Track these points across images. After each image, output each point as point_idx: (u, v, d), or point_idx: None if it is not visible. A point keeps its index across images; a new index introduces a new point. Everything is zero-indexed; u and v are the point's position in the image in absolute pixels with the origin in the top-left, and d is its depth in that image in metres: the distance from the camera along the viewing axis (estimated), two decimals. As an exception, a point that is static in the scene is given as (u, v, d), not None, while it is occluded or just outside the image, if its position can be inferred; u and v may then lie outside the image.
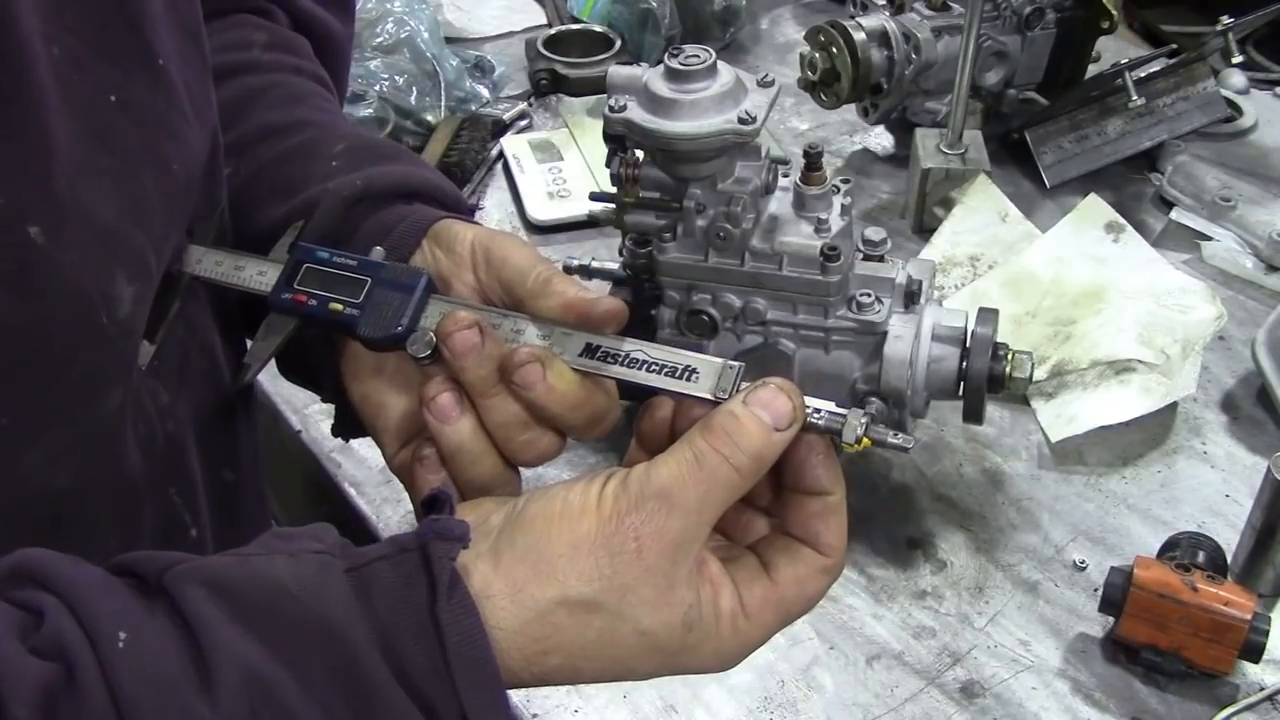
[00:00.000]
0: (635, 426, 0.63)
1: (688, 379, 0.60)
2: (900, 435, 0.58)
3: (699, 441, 0.54)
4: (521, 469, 0.65)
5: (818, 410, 0.57)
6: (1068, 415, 1.16)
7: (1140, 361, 1.17)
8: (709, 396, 0.60)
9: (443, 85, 1.60)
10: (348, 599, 0.50)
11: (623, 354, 0.62)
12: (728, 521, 0.59)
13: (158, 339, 0.64)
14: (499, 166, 1.57)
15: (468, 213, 0.76)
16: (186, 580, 0.49)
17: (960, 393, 1.00)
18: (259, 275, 0.68)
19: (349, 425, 0.74)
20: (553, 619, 0.52)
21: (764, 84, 0.89)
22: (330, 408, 0.77)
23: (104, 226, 0.57)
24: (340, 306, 0.65)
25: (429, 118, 1.57)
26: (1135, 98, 1.44)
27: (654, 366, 0.61)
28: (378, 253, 0.67)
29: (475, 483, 0.63)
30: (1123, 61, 1.48)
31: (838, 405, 0.58)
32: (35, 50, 0.52)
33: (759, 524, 0.61)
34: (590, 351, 0.63)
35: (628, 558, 0.52)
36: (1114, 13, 1.48)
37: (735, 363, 0.60)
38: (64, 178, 0.54)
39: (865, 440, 0.57)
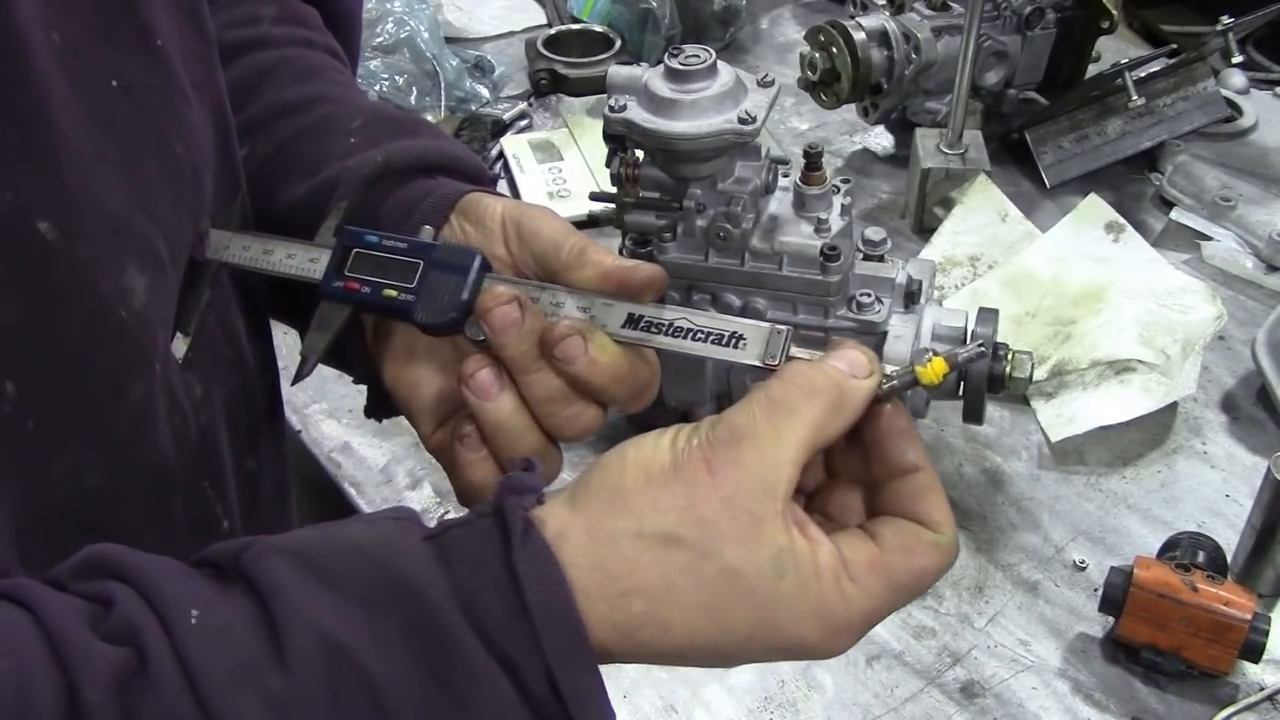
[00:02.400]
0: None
1: (735, 346, 0.59)
2: (968, 347, 0.56)
3: (773, 383, 0.53)
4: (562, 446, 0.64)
5: (887, 376, 0.55)
6: (1068, 415, 1.16)
7: (1140, 361, 1.17)
8: (758, 363, 0.58)
9: (443, 85, 1.60)
10: (427, 558, 0.49)
11: (666, 323, 0.60)
12: (828, 502, 0.58)
13: (190, 330, 0.63)
14: (499, 166, 1.57)
15: (490, 184, 0.74)
16: (263, 553, 0.48)
17: (960, 393, 1.00)
18: (288, 258, 0.66)
19: (382, 406, 0.73)
20: (628, 551, 0.50)
21: (764, 84, 0.89)
22: (330, 406, 0.77)
23: (113, 217, 0.56)
24: (394, 292, 0.63)
25: (429, 118, 1.57)
26: (1135, 98, 1.44)
27: (699, 335, 0.59)
28: (427, 232, 0.65)
29: (517, 460, 0.62)
30: (1123, 61, 1.49)
31: None
32: (35, 39, 0.51)
33: (858, 505, 0.59)
34: (633, 322, 0.61)
35: (702, 488, 0.50)
36: (1114, 13, 1.48)
37: (783, 326, 0.58)
38: (72, 169, 0.53)
39: (940, 364, 0.55)
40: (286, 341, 0.80)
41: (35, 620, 0.45)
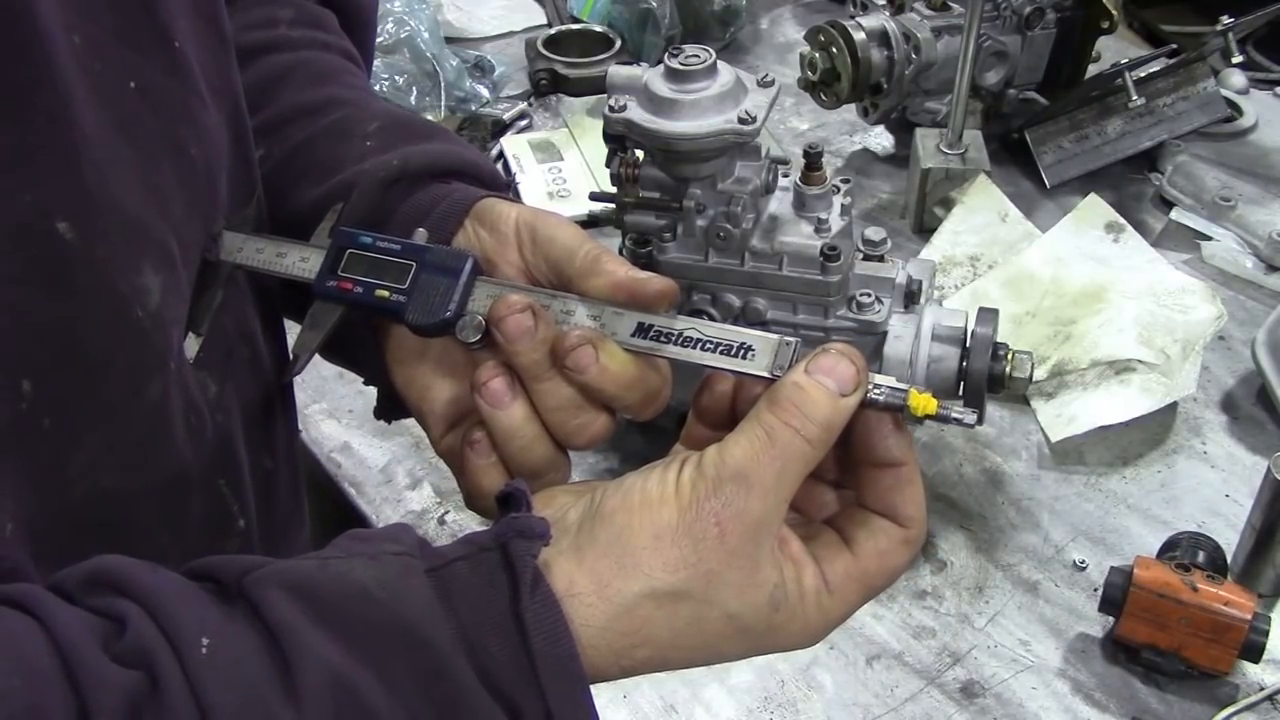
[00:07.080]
0: (694, 401, 0.62)
1: (744, 357, 0.59)
2: (964, 409, 0.56)
3: (768, 416, 0.54)
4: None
5: (877, 386, 0.56)
6: (1068, 415, 1.16)
7: (1140, 361, 1.17)
8: (766, 374, 0.58)
9: (443, 85, 1.60)
10: (430, 601, 0.49)
11: (676, 333, 0.60)
12: (800, 497, 0.58)
13: (203, 330, 0.63)
14: (499, 166, 1.57)
15: (505, 190, 0.74)
16: (267, 584, 0.48)
17: (960, 393, 1.00)
18: (301, 262, 0.66)
19: (391, 407, 0.73)
20: (641, 612, 0.52)
21: (764, 84, 0.89)
22: (330, 406, 0.77)
23: (130, 218, 0.56)
24: (386, 293, 0.64)
25: (429, 118, 1.57)
26: (1135, 98, 1.44)
27: (708, 345, 0.60)
28: (421, 235, 0.65)
29: (527, 467, 0.62)
30: (1123, 61, 1.49)
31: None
32: (57, 40, 0.51)
33: (828, 497, 0.60)
34: (643, 331, 0.61)
35: (711, 544, 0.52)
36: (1114, 13, 1.48)
37: (791, 338, 0.59)
38: (92, 170, 0.53)
39: (932, 404, 0.55)
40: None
41: (47, 634, 0.45)
